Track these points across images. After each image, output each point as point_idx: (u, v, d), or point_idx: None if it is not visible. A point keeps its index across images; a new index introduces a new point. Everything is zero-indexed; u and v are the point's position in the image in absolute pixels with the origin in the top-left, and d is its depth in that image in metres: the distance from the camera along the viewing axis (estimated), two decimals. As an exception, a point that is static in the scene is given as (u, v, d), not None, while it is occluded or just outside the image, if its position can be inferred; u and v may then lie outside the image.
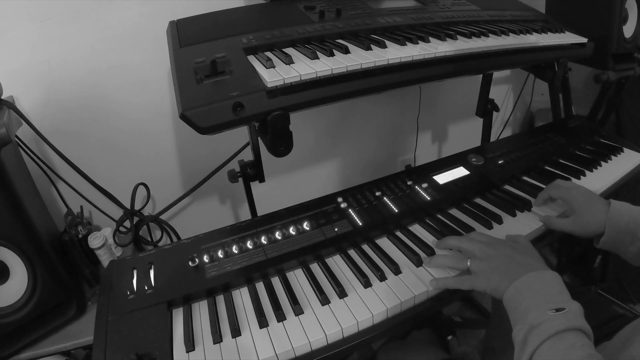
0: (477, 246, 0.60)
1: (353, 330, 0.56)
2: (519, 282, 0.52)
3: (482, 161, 0.88)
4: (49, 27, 0.84)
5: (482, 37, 0.76)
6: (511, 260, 0.56)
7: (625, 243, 0.63)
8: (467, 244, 0.61)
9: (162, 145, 1.05)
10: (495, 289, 0.55)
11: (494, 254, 0.58)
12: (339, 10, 0.77)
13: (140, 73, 0.95)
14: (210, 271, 0.64)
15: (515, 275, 0.53)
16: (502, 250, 0.58)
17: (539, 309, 0.48)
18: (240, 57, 0.61)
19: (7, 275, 0.69)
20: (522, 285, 0.52)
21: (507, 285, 0.53)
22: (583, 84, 1.41)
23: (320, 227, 0.71)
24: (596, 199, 0.68)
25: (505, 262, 0.56)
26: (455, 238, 0.64)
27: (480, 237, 0.63)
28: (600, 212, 0.65)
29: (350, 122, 1.28)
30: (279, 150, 0.60)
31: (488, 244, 0.60)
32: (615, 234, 0.63)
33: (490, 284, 0.55)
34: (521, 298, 0.51)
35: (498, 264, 0.56)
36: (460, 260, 0.60)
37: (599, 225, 0.64)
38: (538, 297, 0.49)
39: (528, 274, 0.52)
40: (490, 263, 0.57)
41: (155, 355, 0.52)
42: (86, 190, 0.96)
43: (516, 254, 0.57)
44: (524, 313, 0.49)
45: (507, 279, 0.53)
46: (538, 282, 0.51)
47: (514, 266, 0.55)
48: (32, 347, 0.73)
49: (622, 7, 1.01)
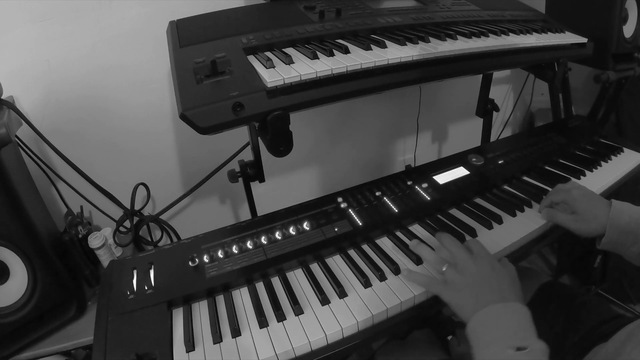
0: (462, 254, 0.56)
1: (353, 330, 0.56)
2: (484, 311, 0.49)
3: (482, 161, 0.88)
4: (49, 27, 0.84)
5: (482, 37, 0.76)
6: (485, 283, 0.52)
7: (626, 244, 0.62)
8: (455, 248, 0.58)
9: (162, 145, 1.05)
10: (460, 308, 0.52)
11: (471, 270, 0.54)
12: (339, 10, 0.77)
13: (140, 73, 0.95)
14: (210, 271, 0.64)
15: (484, 301, 0.50)
16: (481, 268, 0.54)
17: (500, 344, 0.45)
18: (240, 57, 0.61)
19: (7, 275, 0.69)
20: (487, 316, 0.49)
21: (472, 310, 0.50)
22: (583, 84, 1.41)
23: (320, 227, 0.71)
24: (597, 200, 0.68)
25: (478, 283, 0.53)
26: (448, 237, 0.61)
27: (473, 245, 0.59)
28: (601, 212, 0.65)
29: (350, 122, 1.28)
30: (279, 150, 0.60)
31: (473, 257, 0.56)
32: (617, 234, 0.63)
33: (456, 300, 0.53)
34: (484, 329, 0.48)
35: (471, 281, 0.53)
36: (440, 261, 0.58)
37: (600, 226, 0.64)
38: (501, 331, 0.47)
39: (495, 305, 0.49)
40: (465, 277, 0.54)
41: (155, 355, 0.52)
42: (86, 190, 0.96)
43: (493, 278, 0.53)
44: (485, 347, 0.47)
45: (475, 303, 0.51)
46: (505, 314, 0.49)
47: (486, 291, 0.52)
48: (32, 347, 0.73)
49: (622, 7, 1.01)
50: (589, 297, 0.75)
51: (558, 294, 0.76)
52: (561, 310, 0.72)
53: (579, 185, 0.72)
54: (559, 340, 0.69)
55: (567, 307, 0.72)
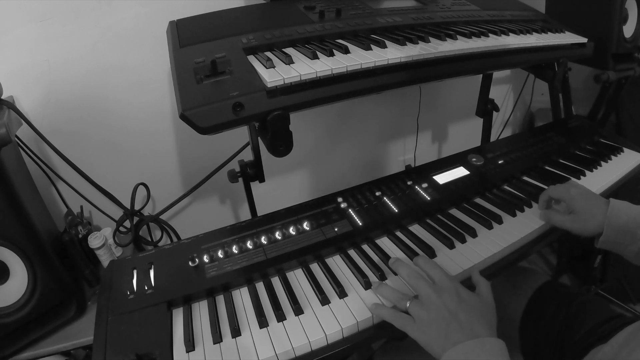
0: (423, 287, 0.53)
1: (353, 330, 0.55)
2: (453, 351, 0.46)
3: (482, 161, 0.88)
4: (49, 27, 0.84)
5: (482, 37, 0.76)
6: (452, 319, 0.49)
7: (624, 242, 0.62)
8: (415, 280, 0.55)
9: (162, 145, 1.05)
10: (428, 345, 0.49)
11: (436, 304, 0.50)
12: (339, 10, 0.77)
13: (140, 73, 0.95)
14: (210, 271, 0.64)
15: (453, 338, 0.47)
16: (447, 301, 0.50)
17: None
18: (240, 57, 0.61)
19: (7, 275, 0.69)
20: (457, 356, 0.46)
21: (441, 349, 0.47)
22: (583, 84, 1.41)
23: (320, 227, 0.71)
24: (595, 198, 0.67)
25: (445, 319, 0.49)
26: (406, 268, 0.57)
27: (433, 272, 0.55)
28: (599, 211, 0.64)
29: (350, 122, 1.28)
30: (279, 150, 0.60)
31: (436, 288, 0.53)
32: (614, 233, 0.62)
33: (423, 338, 0.50)
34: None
35: (437, 317, 0.49)
36: (402, 299, 0.54)
37: (598, 225, 0.64)
38: None
39: (465, 343, 0.46)
40: (430, 314, 0.50)
41: (155, 355, 0.52)
42: (86, 190, 0.96)
43: (461, 310, 0.49)
44: None
45: (443, 340, 0.48)
46: (476, 352, 0.45)
47: (454, 327, 0.48)
48: (32, 347, 0.73)
49: (622, 7, 1.01)
50: (589, 297, 0.75)
51: (558, 294, 0.76)
52: (561, 310, 0.72)
53: (576, 184, 0.71)
54: (559, 340, 0.69)
55: (567, 307, 0.72)
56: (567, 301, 0.74)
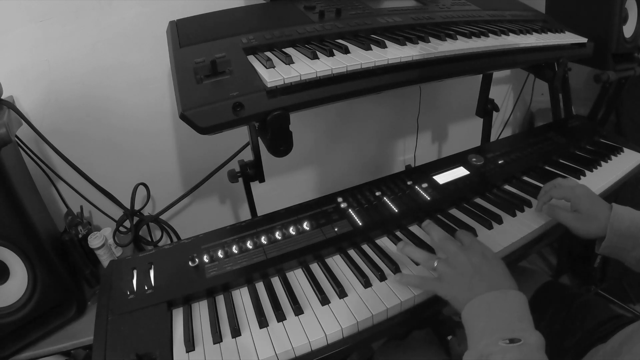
0: (451, 247, 0.56)
1: (353, 330, 0.56)
2: (477, 300, 0.48)
3: (482, 161, 0.88)
4: (49, 27, 0.84)
5: (482, 37, 0.76)
6: (476, 272, 0.52)
7: (626, 248, 0.62)
8: (444, 241, 0.58)
9: (162, 145, 1.05)
10: (455, 299, 0.52)
11: (462, 261, 0.53)
12: (339, 10, 0.77)
13: (140, 73, 0.95)
14: (210, 271, 0.64)
15: (477, 290, 0.49)
16: (472, 257, 0.53)
17: (493, 336, 0.44)
18: (240, 57, 0.61)
19: (7, 275, 0.69)
20: (480, 305, 0.48)
21: (465, 300, 0.49)
22: (583, 84, 1.41)
23: (320, 227, 0.71)
24: (599, 202, 0.67)
25: (470, 273, 0.52)
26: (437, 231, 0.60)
27: (464, 237, 0.58)
28: (602, 214, 0.64)
29: (350, 122, 1.28)
30: (279, 150, 0.60)
31: (463, 248, 0.56)
32: (617, 238, 0.62)
33: (451, 292, 0.52)
34: (477, 319, 0.47)
35: (463, 271, 0.52)
36: (430, 258, 0.57)
37: (600, 228, 0.63)
38: (494, 322, 0.45)
39: (489, 293, 0.48)
40: (456, 269, 0.53)
41: (155, 355, 0.52)
42: (86, 190, 0.96)
43: (484, 265, 0.52)
44: (478, 337, 0.45)
45: (468, 292, 0.50)
46: (498, 303, 0.47)
47: (478, 280, 0.51)
48: (32, 347, 0.73)
49: (622, 7, 1.01)
50: (589, 297, 0.75)
51: (558, 294, 0.76)
52: (561, 310, 0.72)
53: (581, 184, 0.70)
54: (559, 340, 0.69)
55: (567, 307, 0.72)
56: (567, 301, 0.74)
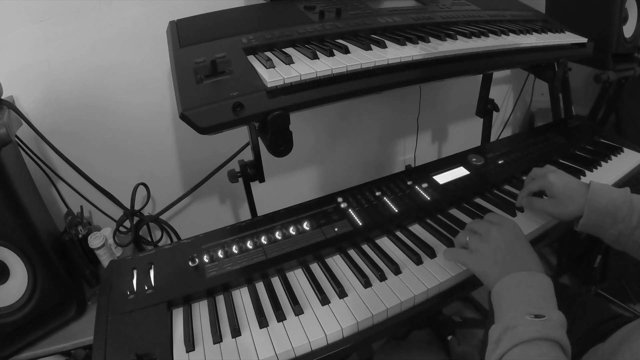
0: (483, 224, 0.59)
1: (353, 330, 0.56)
2: (508, 278, 0.50)
3: (482, 161, 0.88)
4: (49, 27, 0.84)
5: (482, 37, 0.76)
6: (510, 252, 0.54)
7: (604, 226, 0.61)
8: (477, 222, 0.61)
9: (162, 145, 1.05)
10: (484, 275, 0.54)
11: (496, 237, 0.56)
12: (339, 10, 0.77)
13: (140, 73, 0.95)
14: (210, 271, 0.64)
15: (508, 268, 0.52)
16: (505, 235, 0.56)
17: (519, 310, 0.46)
18: (240, 57, 0.61)
19: (7, 275, 0.69)
20: (510, 282, 0.50)
21: (496, 277, 0.52)
22: (583, 84, 1.41)
23: (320, 227, 0.71)
24: (575, 183, 0.67)
25: (503, 250, 0.54)
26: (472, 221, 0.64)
27: (493, 217, 0.62)
28: (578, 194, 0.64)
29: (350, 122, 1.28)
30: (279, 150, 0.60)
31: (495, 226, 0.58)
32: (595, 216, 0.62)
33: (482, 267, 0.55)
34: (506, 295, 0.49)
35: (496, 248, 0.55)
36: (463, 235, 0.61)
37: (578, 208, 0.63)
38: (522, 298, 0.48)
39: (519, 272, 0.51)
40: (489, 244, 0.56)
41: (155, 355, 0.52)
42: (86, 190, 0.96)
43: (517, 245, 0.55)
44: (505, 311, 0.48)
45: (499, 270, 0.52)
46: (527, 282, 0.50)
47: (510, 259, 0.53)
48: (32, 347, 0.73)
49: (622, 7, 1.01)
50: (589, 297, 0.75)
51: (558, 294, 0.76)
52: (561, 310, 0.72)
53: (554, 169, 0.70)
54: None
55: (567, 307, 0.72)
56: (567, 301, 0.74)
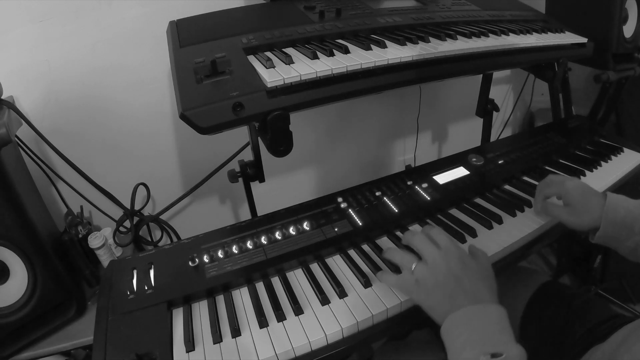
0: (429, 250, 0.54)
1: (353, 330, 0.55)
2: (457, 314, 0.47)
3: (482, 161, 0.88)
4: (49, 27, 0.84)
5: (482, 37, 0.76)
6: (457, 285, 0.50)
7: (620, 238, 0.61)
8: (422, 244, 0.55)
9: (162, 145, 1.05)
10: (432, 310, 0.50)
11: (442, 268, 0.51)
12: (339, 10, 0.77)
13: (140, 73, 0.95)
14: (210, 271, 0.64)
15: (457, 302, 0.48)
16: (452, 266, 0.51)
17: (474, 350, 0.43)
18: (240, 57, 0.61)
19: (7, 275, 0.69)
20: (461, 319, 0.47)
21: (445, 312, 0.48)
22: (583, 84, 1.41)
23: (320, 227, 0.71)
24: (591, 192, 0.66)
25: (450, 284, 0.50)
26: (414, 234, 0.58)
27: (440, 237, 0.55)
28: (595, 206, 0.63)
29: (350, 122, 1.28)
30: (279, 150, 0.60)
31: (442, 253, 0.53)
32: (611, 228, 0.61)
33: (428, 302, 0.51)
34: (457, 333, 0.46)
35: (444, 282, 0.51)
36: (409, 260, 0.55)
37: (594, 220, 0.63)
38: (475, 336, 0.45)
39: (469, 307, 0.47)
40: (435, 277, 0.51)
41: (155, 355, 0.52)
42: (86, 190, 0.96)
43: (466, 276, 0.51)
44: (459, 351, 0.45)
45: (447, 305, 0.49)
46: (479, 317, 0.47)
47: (458, 292, 0.49)
48: (32, 347, 0.73)
49: (622, 7, 1.01)
50: (589, 297, 0.75)
51: (558, 293, 0.76)
52: (561, 310, 0.72)
53: (571, 178, 0.70)
54: (558, 340, 0.70)
55: (567, 307, 0.72)
56: (567, 301, 0.74)
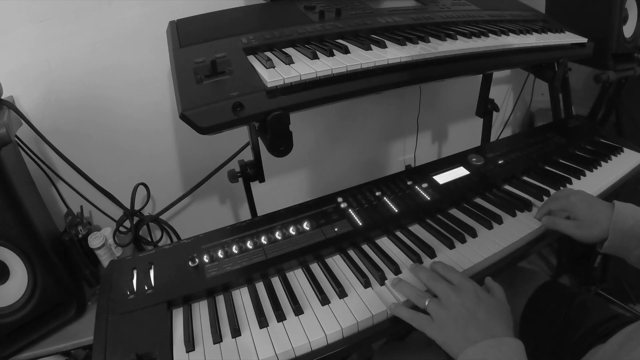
0: (442, 287, 0.54)
1: (353, 330, 0.55)
2: (471, 350, 0.46)
3: (482, 161, 0.88)
4: (49, 27, 0.84)
5: (482, 37, 0.76)
6: (471, 318, 0.49)
7: (629, 247, 0.61)
8: (433, 283, 0.56)
9: (162, 145, 1.05)
10: (446, 344, 0.49)
11: (455, 303, 0.51)
12: (339, 10, 0.77)
13: (140, 73, 0.95)
14: (210, 271, 0.64)
15: (472, 338, 0.47)
16: (466, 300, 0.51)
17: None
18: (240, 57, 0.61)
19: (7, 275, 0.69)
20: (475, 355, 0.46)
21: (459, 348, 0.47)
22: (583, 84, 1.41)
23: (320, 227, 0.71)
24: (598, 203, 0.65)
25: (464, 318, 0.50)
26: (425, 272, 0.58)
27: (452, 276, 0.56)
28: (603, 216, 0.62)
29: (350, 122, 1.28)
30: (279, 150, 0.60)
31: (455, 288, 0.53)
32: (620, 238, 0.60)
33: (442, 337, 0.50)
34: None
35: (457, 316, 0.50)
36: (422, 297, 0.55)
37: (603, 231, 0.62)
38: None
39: (484, 342, 0.46)
40: (449, 312, 0.51)
41: (155, 355, 0.52)
42: (86, 190, 0.96)
43: (480, 310, 0.50)
44: None
45: (461, 340, 0.48)
46: (493, 352, 0.46)
47: (473, 326, 0.49)
48: (32, 347, 0.73)
49: (622, 7, 1.01)
50: (589, 297, 0.75)
51: (558, 294, 0.76)
52: (561, 310, 0.72)
53: (577, 191, 0.69)
54: (558, 340, 0.70)
55: (567, 307, 0.72)
56: (567, 301, 0.74)
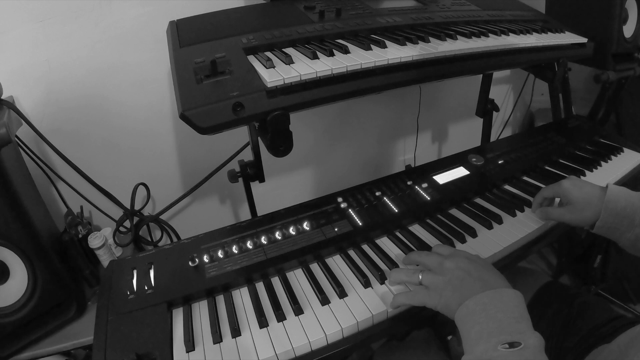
0: (433, 259, 0.55)
1: (353, 330, 0.56)
2: (471, 301, 0.46)
3: (482, 161, 0.88)
4: (49, 27, 0.84)
5: (482, 37, 0.76)
6: (467, 275, 0.50)
7: (621, 229, 0.61)
8: (425, 257, 0.57)
9: (162, 145, 1.05)
10: (446, 306, 0.49)
11: (449, 268, 0.52)
12: (339, 10, 0.77)
13: (140, 73, 0.95)
14: (210, 271, 0.64)
15: (470, 292, 0.47)
16: (460, 263, 0.52)
17: (491, 340, 0.41)
18: (240, 57, 0.61)
19: (7, 275, 0.69)
20: (475, 306, 0.45)
21: (458, 303, 0.47)
22: (583, 84, 1.41)
23: (320, 227, 0.71)
24: (590, 186, 0.66)
25: (459, 277, 0.50)
26: (416, 252, 0.60)
27: (443, 249, 0.58)
28: (595, 198, 0.63)
29: (350, 122, 1.28)
30: (279, 150, 0.60)
31: (447, 256, 0.55)
32: (612, 218, 0.61)
33: (442, 300, 0.50)
34: (473, 322, 0.45)
35: (452, 277, 0.51)
36: (414, 272, 0.56)
37: (595, 213, 0.63)
38: (491, 324, 0.43)
39: (483, 293, 0.46)
40: (444, 276, 0.52)
41: (155, 355, 0.52)
42: (86, 190, 0.96)
43: (473, 268, 0.51)
44: (475, 341, 0.43)
45: (460, 296, 0.48)
46: (494, 303, 0.45)
47: (469, 282, 0.49)
48: (32, 347, 0.73)
49: (622, 7, 1.01)
50: (589, 297, 0.75)
51: (558, 294, 0.76)
52: (561, 311, 0.72)
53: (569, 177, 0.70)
54: (559, 341, 0.69)
55: (567, 307, 0.72)
56: (568, 301, 0.74)
